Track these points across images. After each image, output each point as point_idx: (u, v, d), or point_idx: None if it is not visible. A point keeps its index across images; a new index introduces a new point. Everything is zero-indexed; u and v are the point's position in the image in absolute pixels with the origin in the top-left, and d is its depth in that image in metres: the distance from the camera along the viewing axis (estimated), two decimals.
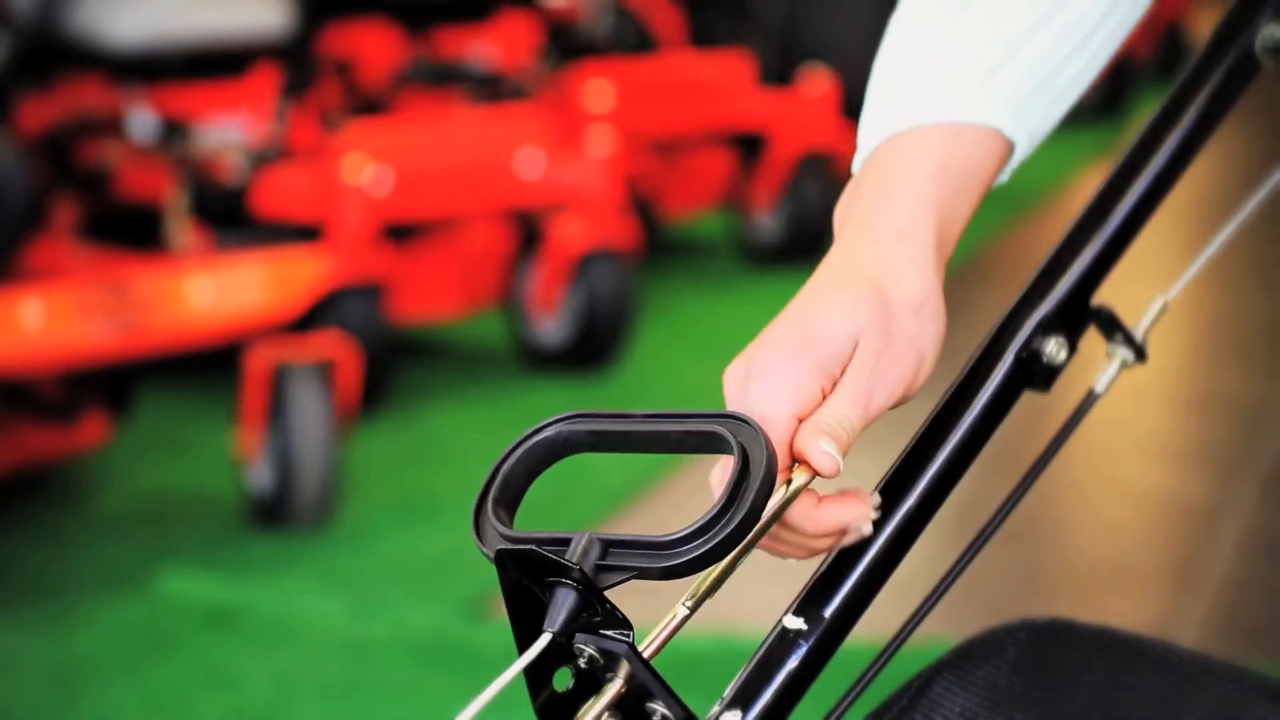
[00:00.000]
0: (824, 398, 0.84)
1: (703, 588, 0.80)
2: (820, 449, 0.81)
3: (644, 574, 0.75)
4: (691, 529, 0.75)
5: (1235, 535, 3.76)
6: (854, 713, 0.84)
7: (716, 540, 0.74)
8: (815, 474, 0.82)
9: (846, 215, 0.92)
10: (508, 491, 0.80)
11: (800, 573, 0.84)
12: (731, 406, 0.84)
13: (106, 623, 3.17)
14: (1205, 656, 0.84)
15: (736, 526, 0.74)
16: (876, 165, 0.92)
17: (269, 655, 3.06)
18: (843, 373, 0.85)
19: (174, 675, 3.00)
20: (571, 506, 3.65)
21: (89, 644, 3.09)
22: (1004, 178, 0.95)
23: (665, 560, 0.75)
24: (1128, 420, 4.38)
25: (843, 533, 0.83)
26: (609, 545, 0.75)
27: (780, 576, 0.84)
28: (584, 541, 0.76)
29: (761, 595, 2.11)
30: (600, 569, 0.75)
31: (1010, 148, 0.93)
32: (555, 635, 0.74)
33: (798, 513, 0.82)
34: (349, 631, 3.16)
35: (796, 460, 0.82)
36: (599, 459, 3.47)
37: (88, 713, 2.89)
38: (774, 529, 0.82)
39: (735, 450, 0.76)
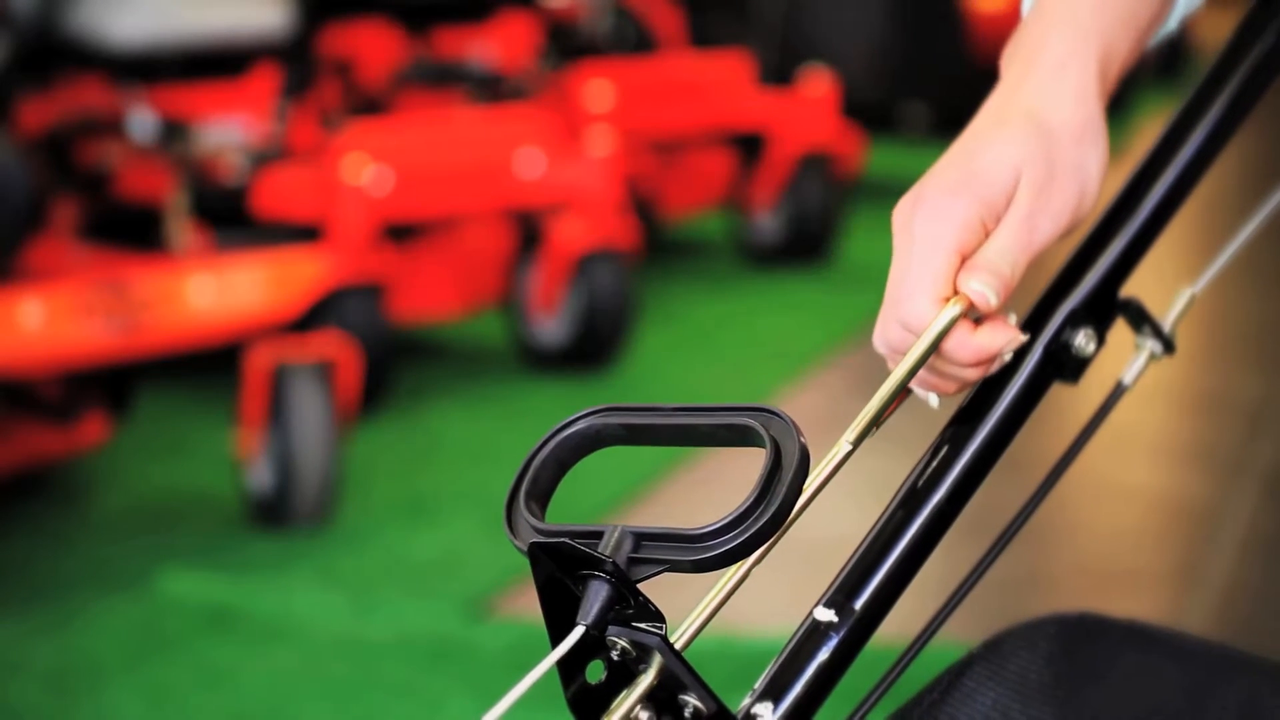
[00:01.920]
0: (986, 233, 0.88)
1: (733, 580, 0.79)
2: (973, 285, 0.86)
3: (676, 567, 0.75)
4: (724, 522, 0.74)
5: (1237, 535, 3.76)
6: (878, 711, 0.84)
7: (749, 533, 0.74)
8: (970, 305, 0.86)
9: (1011, 57, 0.94)
10: (539, 485, 0.80)
11: (813, 571, 0.84)
12: (898, 238, 0.88)
13: (106, 623, 3.17)
14: (1232, 649, 0.84)
15: (769, 520, 0.74)
16: (1039, 6, 0.94)
17: (268, 655, 3.05)
18: (1007, 206, 0.88)
19: (174, 675, 3.00)
20: (579, 502, 3.65)
21: (89, 644, 3.09)
22: (1171, 24, 0.97)
23: (698, 553, 0.74)
24: (1129, 421, 4.39)
25: (992, 361, 0.87)
26: (641, 538, 0.75)
27: (784, 576, 0.84)
28: (616, 534, 0.75)
29: (768, 595, 2.11)
30: (633, 561, 0.75)
31: None
32: (588, 628, 0.74)
33: (952, 342, 0.86)
34: (348, 631, 3.16)
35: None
36: (600, 458, 3.46)
37: (88, 713, 2.88)
38: (931, 362, 0.87)
39: (767, 443, 0.76)
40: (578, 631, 0.74)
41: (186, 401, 4.35)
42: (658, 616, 0.75)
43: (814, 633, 0.79)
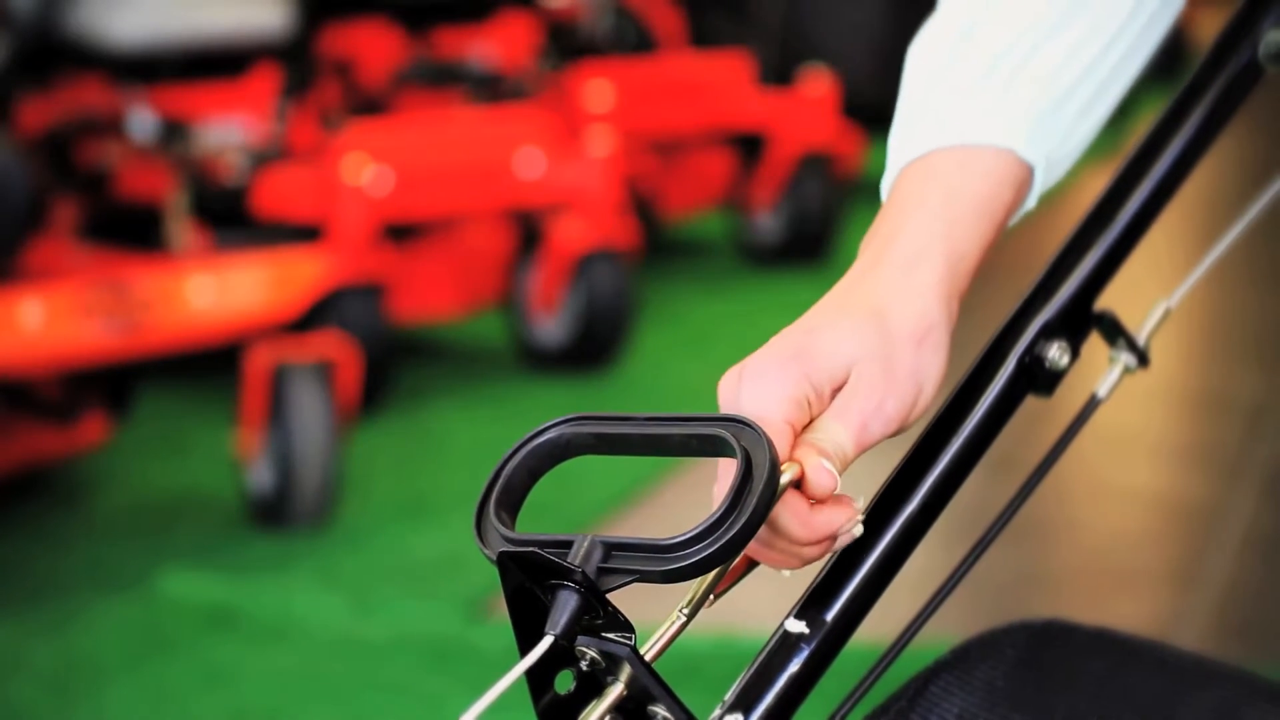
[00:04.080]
0: (811, 414, 0.83)
1: (703, 590, 0.80)
2: (819, 464, 0.81)
3: (646, 577, 0.75)
4: (694, 532, 0.74)
5: (1235, 536, 3.76)
6: (854, 714, 0.84)
7: (720, 544, 0.74)
8: (801, 474, 0.80)
9: (866, 244, 0.90)
10: (510, 494, 0.80)
11: (802, 575, 0.84)
12: (725, 409, 0.84)
13: (106, 623, 3.17)
14: (1203, 657, 0.84)
15: (740, 530, 0.74)
16: (895, 192, 0.91)
17: (269, 655, 3.06)
18: (832, 395, 0.84)
19: (174, 675, 3.00)
20: (568, 508, 3.65)
21: (89, 644, 3.09)
22: (1030, 203, 0.93)
23: (668, 564, 0.75)
24: (1128, 421, 4.38)
25: (833, 540, 0.82)
26: (611, 548, 0.75)
27: (782, 578, 0.85)
28: (586, 544, 0.76)
29: (762, 597, 2.11)
30: (602, 571, 0.75)
31: (1029, 172, 0.91)
32: (557, 638, 0.74)
33: (788, 519, 0.81)
34: (349, 631, 3.16)
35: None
36: (594, 461, 3.46)
37: (88, 713, 2.89)
38: (766, 535, 0.81)
39: (738, 454, 0.76)
40: (546, 641, 0.74)
41: (186, 401, 4.36)
42: (627, 627, 0.75)
43: (785, 644, 0.79)
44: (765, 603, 2.08)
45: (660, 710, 0.76)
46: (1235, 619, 3.38)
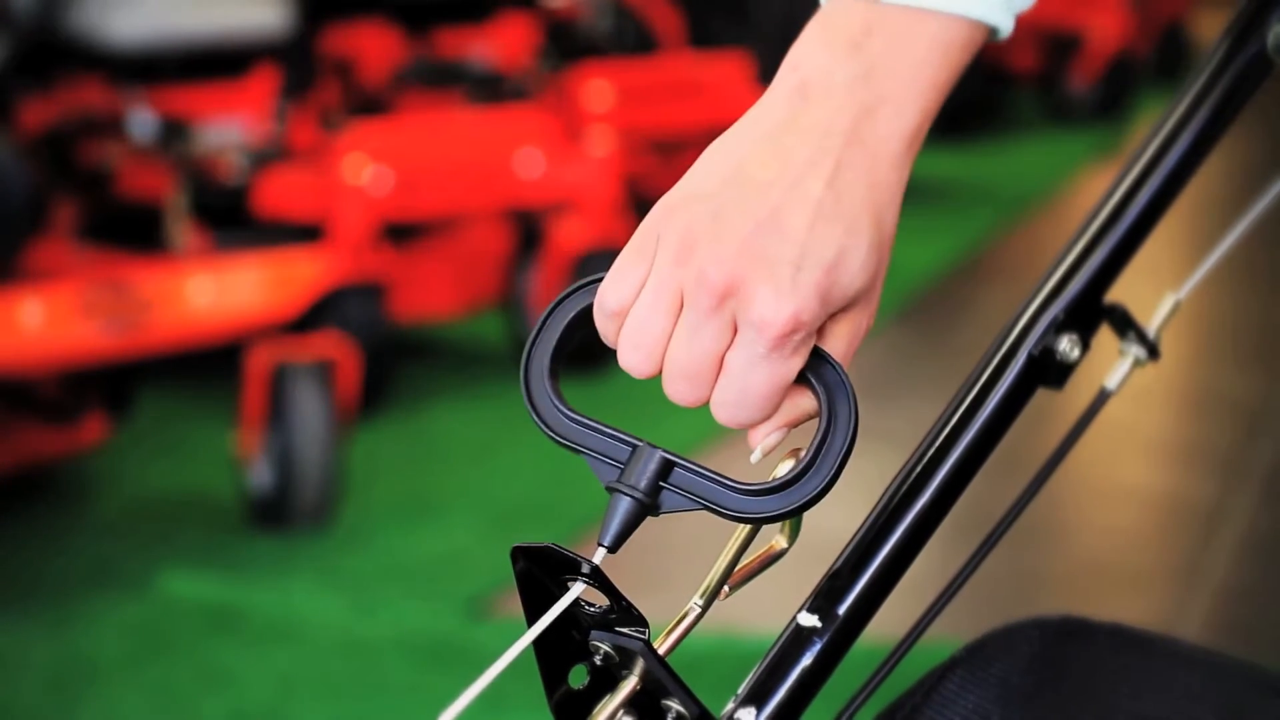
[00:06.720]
0: None
1: (716, 581, 0.79)
2: None
3: (711, 509, 0.74)
4: (777, 483, 0.73)
5: (1236, 536, 3.76)
6: (863, 712, 0.84)
7: (796, 502, 0.73)
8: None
9: None
10: (560, 350, 0.78)
11: (812, 571, 0.84)
12: None
13: (106, 623, 3.17)
14: (1216, 653, 0.84)
15: (820, 489, 0.73)
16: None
17: (269, 655, 3.06)
18: None
19: (174, 675, 3.00)
20: (570, 508, 3.65)
21: (89, 644, 3.09)
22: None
23: (739, 507, 0.73)
24: (1128, 420, 4.39)
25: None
26: (673, 466, 0.74)
27: (784, 577, 0.85)
28: (646, 454, 0.74)
29: (765, 595, 2.11)
30: (660, 489, 0.74)
31: None
32: (609, 549, 0.73)
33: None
34: (349, 631, 3.16)
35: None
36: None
37: (88, 713, 2.89)
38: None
39: (820, 396, 0.75)
40: (600, 554, 0.72)
41: (186, 401, 4.35)
42: (641, 621, 0.75)
43: (797, 638, 0.79)
44: (765, 603, 2.08)
45: (674, 705, 0.75)
46: (1235, 619, 3.38)
